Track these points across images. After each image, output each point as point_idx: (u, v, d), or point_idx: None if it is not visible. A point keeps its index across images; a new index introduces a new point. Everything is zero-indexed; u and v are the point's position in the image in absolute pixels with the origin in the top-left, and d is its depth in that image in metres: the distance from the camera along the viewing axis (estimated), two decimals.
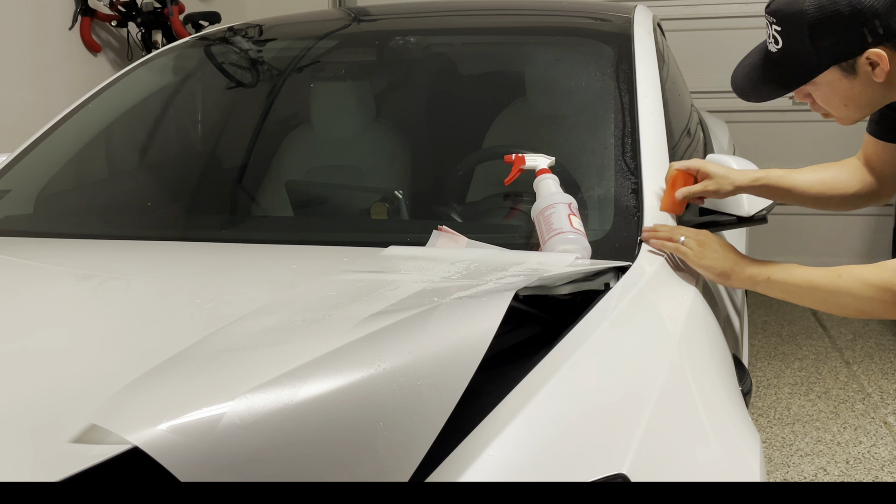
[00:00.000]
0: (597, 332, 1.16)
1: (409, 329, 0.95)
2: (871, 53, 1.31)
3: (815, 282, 1.36)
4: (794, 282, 1.38)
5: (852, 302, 1.34)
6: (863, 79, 1.35)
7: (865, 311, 1.36)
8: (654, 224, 1.51)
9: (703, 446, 1.09)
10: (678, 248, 1.44)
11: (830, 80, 1.37)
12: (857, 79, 1.35)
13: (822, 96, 1.41)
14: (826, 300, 1.37)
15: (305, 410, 0.81)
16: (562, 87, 2.04)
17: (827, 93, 1.39)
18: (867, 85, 1.36)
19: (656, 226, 1.50)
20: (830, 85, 1.38)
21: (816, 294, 1.37)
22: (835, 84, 1.37)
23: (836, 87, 1.38)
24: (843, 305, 1.36)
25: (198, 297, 1.25)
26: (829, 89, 1.38)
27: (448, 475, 0.90)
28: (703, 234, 1.46)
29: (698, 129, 2.46)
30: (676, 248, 1.44)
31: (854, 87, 1.36)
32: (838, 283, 1.34)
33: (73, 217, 1.94)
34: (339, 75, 2.27)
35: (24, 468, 0.81)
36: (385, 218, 1.75)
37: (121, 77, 2.28)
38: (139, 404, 0.82)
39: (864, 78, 1.35)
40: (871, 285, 1.32)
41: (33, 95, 3.22)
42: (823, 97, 1.41)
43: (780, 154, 4.31)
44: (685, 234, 1.45)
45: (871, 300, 1.33)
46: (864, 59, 1.32)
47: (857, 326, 3.86)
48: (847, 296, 1.34)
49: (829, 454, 2.78)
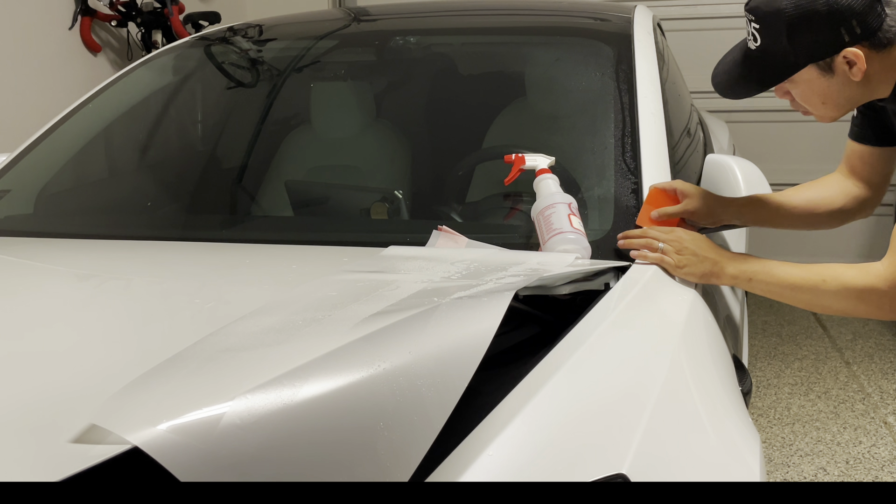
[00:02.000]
0: (597, 332, 1.16)
1: (409, 329, 0.95)
2: (849, 53, 1.31)
3: (797, 284, 1.37)
4: (776, 282, 1.38)
5: (835, 304, 1.35)
6: (840, 77, 1.35)
7: (849, 313, 1.37)
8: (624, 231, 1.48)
9: (703, 446, 1.09)
10: (662, 260, 1.42)
11: (808, 78, 1.37)
12: (834, 77, 1.35)
13: (800, 94, 1.41)
14: (809, 301, 1.38)
15: (305, 410, 0.81)
16: (562, 87, 2.04)
17: (805, 91, 1.40)
18: (845, 84, 1.36)
19: (627, 233, 1.47)
20: (808, 83, 1.38)
21: (799, 295, 1.38)
22: (812, 82, 1.37)
23: (814, 86, 1.38)
24: (825, 307, 1.37)
25: (198, 297, 1.25)
26: (807, 87, 1.39)
27: (448, 475, 0.90)
28: (676, 238, 1.43)
29: (698, 129, 2.46)
30: (660, 260, 1.42)
31: (832, 85, 1.37)
32: (822, 287, 1.34)
33: (73, 217, 1.94)
34: (339, 75, 2.27)
35: (24, 468, 0.81)
36: (385, 218, 1.75)
37: (121, 77, 2.28)
38: (139, 404, 0.82)
39: (842, 77, 1.35)
40: (854, 289, 1.32)
41: (33, 95, 3.22)
42: (802, 95, 1.41)
43: (781, 154, 4.30)
44: (659, 237, 1.43)
45: (855, 304, 1.34)
46: (841, 58, 1.32)
47: (857, 326, 3.86)
48: (831, 299, 1.35)
49: (829, 454, 2.78)
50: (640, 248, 1.43)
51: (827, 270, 1.34)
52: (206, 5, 4.29)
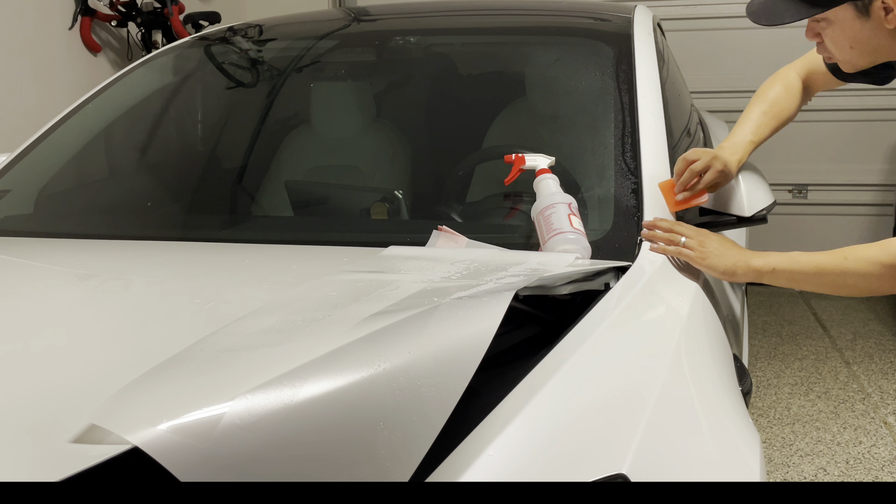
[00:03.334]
0: (597, 331, 1.16)
1: (409, 329, 0.95)
2: None
3: (821, 266, 1.39)
4: (800, 269, 1.41)
5: (861, 282, 1.37)
6: (874, 23, 1.38)
7: (874, 290, 1.38)
8: (653, 218, 1.51)
9: (703, 446, 1.09)
10: (680, 251, 1.44)
11: (843, 17, 1.40)
12: (868, 21, 1.38)
13: (831, 35, 1.44)
14: (834, 283, 1.39)
15: (305, 410, 0.81)
16: (562, 87, 2.04)
17: (837, 32, 1.43)
18: (877, 29, 1.39)
19: (655, 220, 1.50)
20: (842, 24, 1.41)
21: (824, 278, 1.39)
22: (846, 23, 1.40)
23: (847, 27, 1.41)
24: (851, 286, 1.39)
25: (198, 297, 1.25)
26: (840, 28, 1.42)
27: (448, 475, 0.90)
28: (702, 233, 1.47)
29: (698, 129, 2.46)
30: (679, 252, 1.45)
31: (864, 29, 1.40)
32: (845, 265, 1.36)
33: (73, 217, 1.94)
34: (339, 75, 2.27)
35: (24, 468, 0.81)
36: (385, 218, 1.75)
37: (121, 77, 2.28)
38: (139, 404, 0.82)
39: (876, 22, 1.38)
40: (878, 263, 1.34)
41: (33, 95, 3.22)
42: (832, 36, 1.44)
43: (780, 154, 4.30)
44: (685, 233, 1.46)
45: (879, 277, 1.35)
46: (879, 2, 1.36)
47: (857, 326, 3.86)
48: (855, 276, 1.36)
49: (829, 454, 2.78)
50: (661, 242, 1.45)
51: (848, 250, 1.37)
52: (206, 5, 4.29)
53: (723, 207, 1.63)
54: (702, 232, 1.47)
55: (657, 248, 1.46)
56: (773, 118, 1.71)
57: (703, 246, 1.44)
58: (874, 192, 4.32)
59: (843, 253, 1.37)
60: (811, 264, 1.40)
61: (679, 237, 1.45)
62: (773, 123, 1.71)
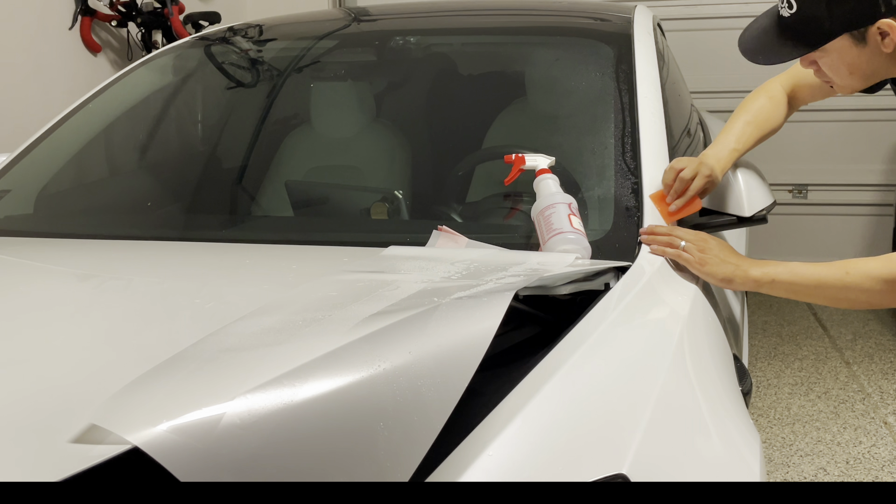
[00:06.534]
0: (597, 331, 1.16)
1: (409, 329, 0.95)
2: (883, 23, 1.34)
3: (822, 280, 1.37)
4: (800, 282, 1.39)
5: (862, 296, 1.36)
6: (871, 48, 1.38)
7: (875, 304, 1.38)
8: (650, 225, 1.50)
9: (704, 446, 1.09)
10: (679, 255, 1.43)
11: (840, 47, 1.39)
12: (865, 48, 1.38)
13: (829, 63, 1.43)
14: (835, 297, 1.38)
15: (305, 410, 0.81)
16: (562, 87, 2.04)
17: (835, 60, 1.42)
18: (874, 55, 1.38)
19: (652, 226, 1.49)
20: (839, 52, 1.40)
21: (824, 292, 1.38)
22: (843, 52, 1.40)
23: (845, 55, 1.40)
24: (852, 300, 1.38)
25: (198, 297, 1.25)
26: (838, 57, 1.41)
27: (448, 475, 0.90)
28: (701, 238, 1.45)
29: (698, 129, 2.46)
30: (678, 255, 1.44)
31: (862, 55, 1.39)
32: (846, 280, 1.35)
33: (73, 217, 1.94)
34: (339, 75, 2.27)
35: (24, 468, 0.81)
36: (385, 218, 1.75)
37: (121, 77, 2.28)
38: (139, 404, 0.82)
39: (873, 47, 1.37)
40: (881, 279, 1.33)
41: (33, 95, 3.22)
42: (831, 64, 1.43)
43: (781, 154, 4.30)
44: (684, 237, 1.45)
45: (881, 293, 1.34)
46: (875, 28, 1.35)
47: (857, 326, 3.86)
48: (856, 291, 1.35)
49: (829, 454, 2.78)
50: (660, 245, 1.44)
51: (849, 264, 1.36)
52: (206, 5, 4.29)
53: (723, 207, 1.63)
54: (701, 237, 1.46)
55: (656, 251, 1.45)
56: (756, 128, 1.69)
57: (703, 251, 1.43)
58: (874, 192, 4.32)
59: (844, 267, 1.35)
60: (812, 277, 1.38)
61: (679, 240, 1.44)
62: (756, 133, 1.69)
